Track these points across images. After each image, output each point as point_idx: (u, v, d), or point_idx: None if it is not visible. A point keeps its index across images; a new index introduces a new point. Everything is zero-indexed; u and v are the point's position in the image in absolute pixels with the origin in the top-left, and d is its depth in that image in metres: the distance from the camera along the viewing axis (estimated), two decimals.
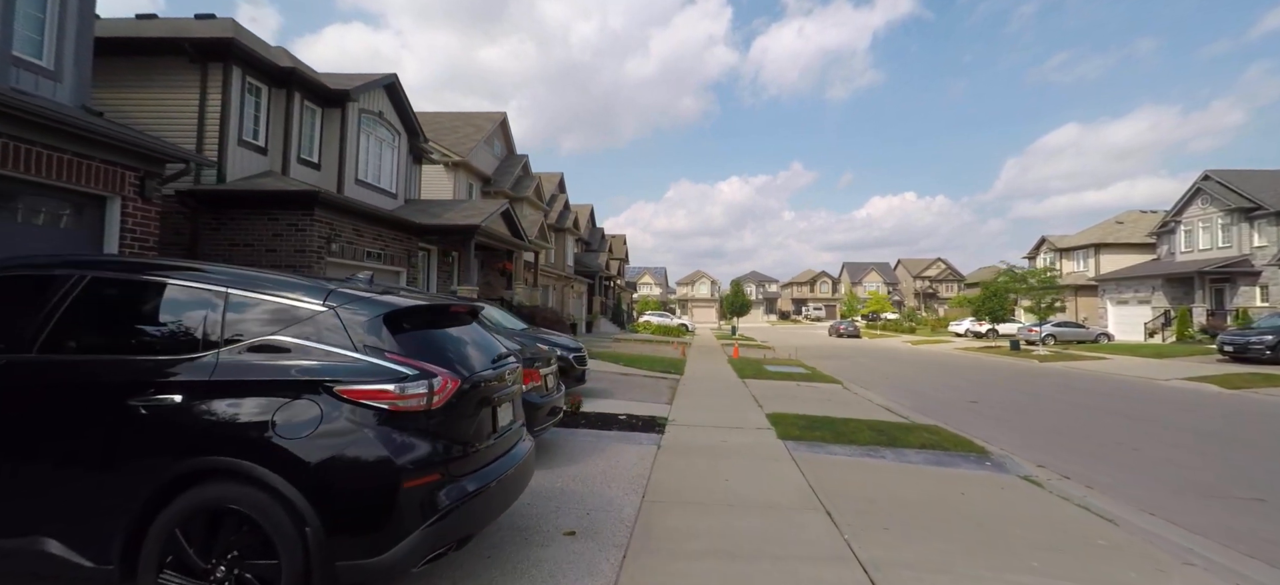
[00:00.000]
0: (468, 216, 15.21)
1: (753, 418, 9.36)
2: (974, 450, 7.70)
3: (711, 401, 11.04)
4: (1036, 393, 15.15)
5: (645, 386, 12.63)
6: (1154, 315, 32.58)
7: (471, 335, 3.81)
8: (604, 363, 16.56)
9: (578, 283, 37.02)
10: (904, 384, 16.68)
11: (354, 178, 14.00)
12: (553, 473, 5.79)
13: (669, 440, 7.54)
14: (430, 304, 3.54)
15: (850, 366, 21.88)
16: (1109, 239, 41.04)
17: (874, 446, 7.60)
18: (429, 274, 16.47)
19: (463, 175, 22.60)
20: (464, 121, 25.52)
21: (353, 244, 12.36)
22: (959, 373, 20.55)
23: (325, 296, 3.05)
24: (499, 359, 3.79)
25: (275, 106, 12.40)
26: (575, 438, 7.38)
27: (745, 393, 12.47)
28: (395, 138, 15.80)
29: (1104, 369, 21.42)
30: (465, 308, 3.89)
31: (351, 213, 12.29)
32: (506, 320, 10.72)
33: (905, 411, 11.23)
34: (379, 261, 13.44)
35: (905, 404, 12.55)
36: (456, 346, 3.46)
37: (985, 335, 41.35)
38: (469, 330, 3.83)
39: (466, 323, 3.96)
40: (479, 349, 3.70)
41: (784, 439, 7.80)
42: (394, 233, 14.01)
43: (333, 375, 2.80)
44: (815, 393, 13.12)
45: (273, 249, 11.05)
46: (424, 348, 3.15)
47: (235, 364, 2.86)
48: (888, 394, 14.17)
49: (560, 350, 9.61)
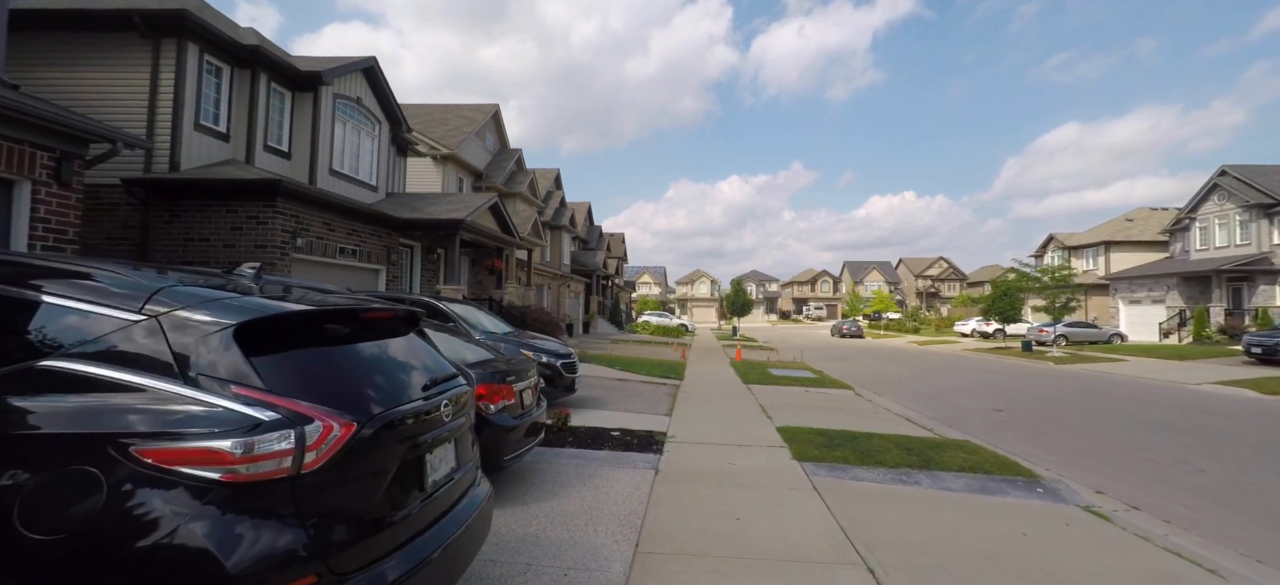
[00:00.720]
0: (452, 210, 14.17)
1: (762, 432, 8.33)
2: (1020, 473, 6.67)
3: (715, 412, 10.01)
4: (1062, 399, 14.13)
5: (642, 394, 11.60)
6: (1169, 315, 31.57)
7: (400, 352, 2.78)
8: (599, 367, 15.53)
9: (574, 282, 35.99)
10: (918, 389, 15.66)
11: (328, 168, 12.96)
12: (526, 511, 4.75)
13: (668, 463, 6.51)
14: (327, 308, 2.49)
15: (858, 369, 20.87)
16: (1119, 237, 40.03)
17: (905, 469, 6.58)
18: (411, 273, 15.43)
19: (452, 169, 21.55)
20: (454, 113, 24.47)
21: (323, 239, 11.32)
22: (973, 376, 19.53)
23: (146, 299, 2.01)
24: (437, 385, 2.76)
25: (238, 89, 11.36)
26: (559, 461, 6.35)
27: (751, 401, 11.44)
28: (375, 126, 14.76)
29: (1124, 372, 20.41)
30: (391, 313, 2.85)
31: (321, 205, 11.25)
32: (489, 323, 9.69)
33: (928, 423, 10.21)
34: (354, 258, 12.40)
35: (925, 413, 11.53)
36: (367, 371, 2.43)
37: (993, 335, 40.35)
38: (398, 346, 2.80)
39: (400, 333, 2.93)
40: (407, 372, 2.68)
41: (801, 461, 6.77)
42: (371, 228, 12.97)
43: (130, 427, 1.77)
44: (826, 400, 12.10)
45: (231, 244, 10.01)
46: (308, 376, 2.13)
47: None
48: (904, 401, 13.15)
49: (546, 357, 8.60)
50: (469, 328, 8.75)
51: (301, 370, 2.13)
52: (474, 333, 8.71)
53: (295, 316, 2.26)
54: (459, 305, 9.86)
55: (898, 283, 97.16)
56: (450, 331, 6.53)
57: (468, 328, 8.72)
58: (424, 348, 3.12)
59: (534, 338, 9.73)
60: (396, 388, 2.47)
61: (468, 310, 9.72)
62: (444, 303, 9.60)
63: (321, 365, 2.24)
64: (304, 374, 2.12)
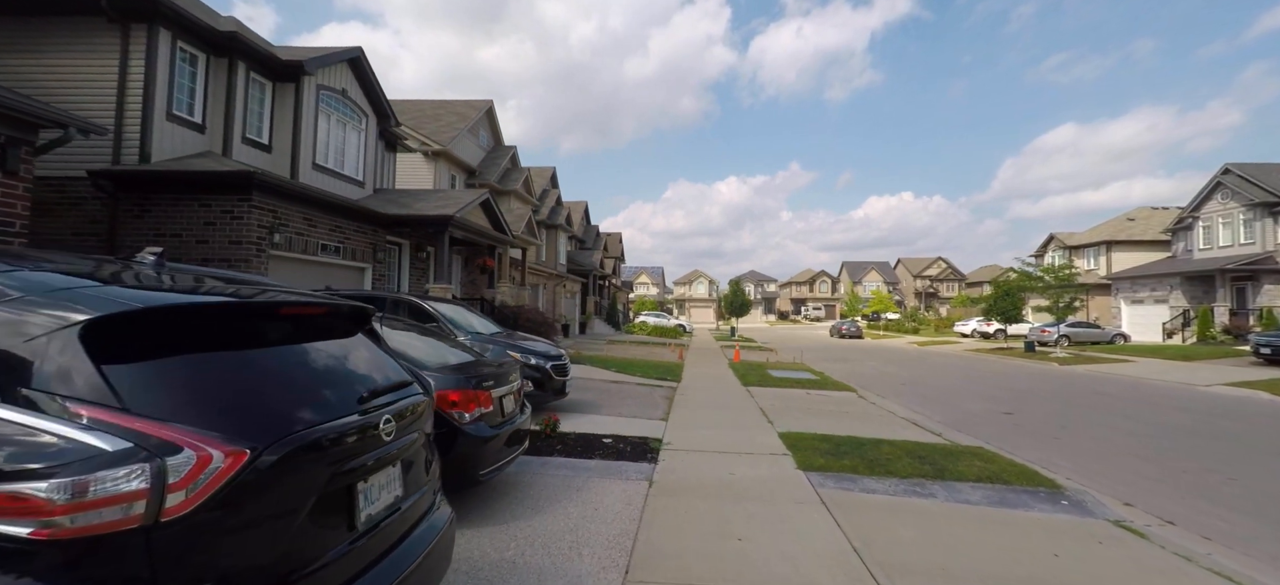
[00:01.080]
0: (440, 206, 13.67)
1: (764, 439, 7.86)
2: (1042, 484, 6.21)
3: (713, 416, 9.54)
4: (1071, 401, 13.69)
5: (637, 398, 11.12)
6: (1172, 315, 31.20)
7: (337, 357, 2.30)
8: (593, 369, 15.05)
9: (571, 282, 35.50)
10: (922, 391, 15.21)
11: (311, 162, 12.46)
12: (504, 532, 4.27)
13: (664, 473, 6.03)
14: (227, 303, 2.00)
15: (859, 371, 20.42)
16: (1121, 236, 39.67)
17: (918, 480, 6.11)
18: (400, 271, 14.93)
19: (444, 165, 21.05)
20: (446, 109, 23.97)
21: (303, 236, 10.82)
22: (977, 377, 19.09)
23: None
24: (379, 396, 2.28)
25: (215, 78, 10.85)
26: (546, 472, 5.86)
27: (751, 404, 10.97)
28: (361, 119, 14.26)
29: (1131, 373, 19.99)
30: (324, 308, 2.36)
31: (301, 199, 10.75)
32: (476, 323, 9.21)
33: (936, 427, 9.75)
34: (337, 256, 11.90)
35: (932, 416, 11.08)
36: (280, 382, 1.95)
37: (994, 336, 39.95)
38: (334, 350, 2.32)
39: (341, 333, 2.45)
40: (340, 382, 2.20)
41: (806, 470, 6.30)
42: (356, 224, 12.47)
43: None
44: (829, 403, 11.64)
45: (204, 240, 9.51)
46: (193, 391, 1.65)
47: None
48: (908, 403, 12.69)
49: (535, 359, 8.12)
50: (454, 328, 8.28)
51: (184, 383, 1.65)
52: (459, 334, 8.23)
53: (174, 312, 1.77)
54: (446, 305, 9.38)
55: (896, 283, 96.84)
56: (435, 332, 6.05)
57: (452, 328, 8.24)
58: (373, 351, 2.65)
59: (523, 339, 9.26)
60: (319, 402, 1.98)
61: (455, 310, 9.24)
62: (430, 302, 9.12)
63: (216, 376, 1.76)
64: (187, 388, 1.64)
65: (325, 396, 2.04)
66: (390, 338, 4.90)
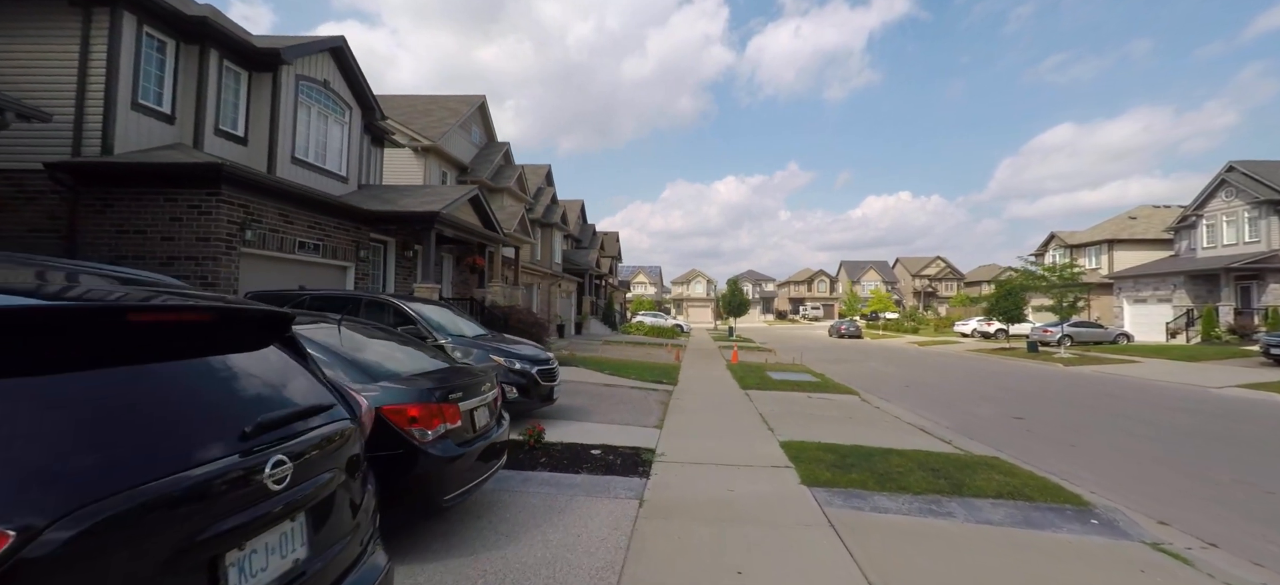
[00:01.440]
0: (425, 202, 13.12)
1: (764, 448, 7.34)
2: (1067, 500, 5.70)
3: (710, 422, 9.02)
4: (1082, 404, 13.21)
5: (631, 403, 10.60)
6: (1176, 314, 30.78)
7: (220, 378, 1.78)
8: (586, 371, 14.52)
9: (566, 281, 34.96)
10: (926, 393, 14.72)
11: (289, 155, 11.90)
12: (471, 565, 3.74)
13: (656, 491, 5.51)
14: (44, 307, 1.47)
15: (859, 372, 19.92)
16: (1122, 235, 39.26)
17: (935, 496, 5.60)
18: (385, 270, 14.39)
19: (434, 162, 20.49)
20: (437, 105, 23.42)
21: (278, 232, 10.27)
22: (981, 379, 18.61)
23: None
24: (271, 429, 1.75)
25: (186, 65, 10.29)
26: (526, 490, 5.34)
27: (750, 409, 10.46)
28: (344, 112, 13.70)
29: (1138, 374, 19.53)
30: (204, 314, 1.83)
31: (276, 194, 10.20)
32: (459, 325, 8.67)
33: (946, 434, 9.25)
34: (317, 254, 11.35)
35: (940, 421, 10.59)
36: (110, 421, 1.41)
37: (994, 335, 39.52)
38: (226, 368, 1.80)
39: (250, 347, 1.93)
40: (211, 413, 1.67)
41: (811, 485, 5.79)
42: (336, 221, 11.92)
43: None
44: (831, 407, 11.14)
45: (170, 237, 8.96)
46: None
47: None
48: (913, 407, 12.20)
49: (520, 363, 7.60)
50: (433, 330, 7.74)
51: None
52: (438, 337, 7.70)
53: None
54: (428, 306, 8.85)
55: (895, 282, 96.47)
56: (404, 336, 5.53)
57: (429, 330, 7.71)
58: (287, 367, 2.12)
59: (509, 342, 8.72)
60: (172, 445, 1.46)
61: (437, 311, 8.70)
62: (410, 303, 8.58)
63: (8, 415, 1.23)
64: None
65: (184, 436, 1.51)
66: (350, 343, 4.38)
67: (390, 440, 3.64)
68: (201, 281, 8.89)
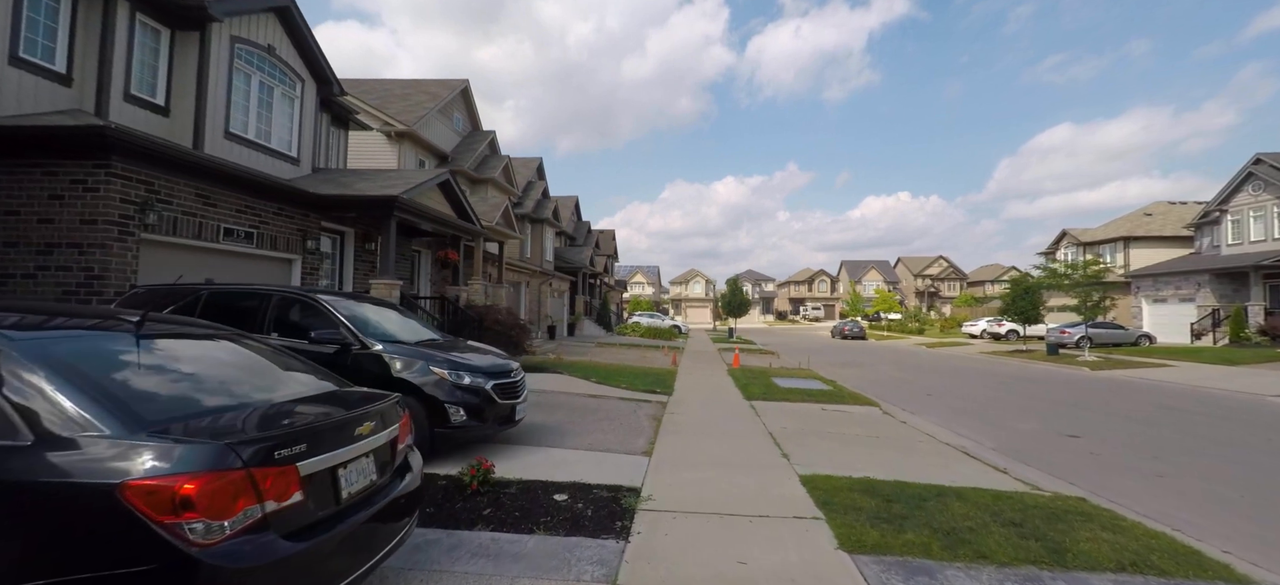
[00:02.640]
0: (384, 186, 11.46)
1: (782, 486, 5.70)
2: (1217, 574, 4.06)
3: (711, 447, 7.37)
4: (1136, 417, 11.58)
5: (617, 418, 8.96)
6: (1200, 315, 29.18)
7: None
8: (572, 378, 12.88)
9: (558, 280, 33.30)
10: (952, 402, 13.09)
11: (222, 129, 10.24)
12: None
13: (637, 565, 3.86)
14: None
15: (871, 377, 18.29)
16: (1138, 232, 37.67)
17: (1030, 570, 3.97)
18: (341, 265, 12.73)
19: (410, 148, 18.83)
20: (416, 89, 21.76)
21: (195, 217, 8.62)
22: (1006, 385, 16.98)
23: None
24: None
25: (87, 17, 8.63)
26: (450, 568, 3.70)
27: (758, 427, 8.82)
28: (294, 84, 12.04)
29: (1178, 380, 17.91)
30: None
31: (192, 170, 8.55)
32: (403, 328, 7.01)
33: (997, 459, 7.63)
34: (250, 243, 9.70)
35: (982, 440, 8.97)
36: None
37: (1005, 336, 37.95)
38: None
39: None
40: None
41: (853, 551, 4.15)
42: (276, 206, 10.27)
43: None
44: (851, 422, 9.51)
45: (48, 219, 7.31)
46: None
47: None
48: (944, 420, 10.58)
49: (471, 377, 5.96)
50: (361, 335, 6.09)
51: None
52: (376, 344, 6.06)
53: None
54: (368, 306, 7.18)
55: (896, 282, 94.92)
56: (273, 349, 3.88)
57: (358, 336, 6.05)
58: None
59: (465, 350, 7.05)
60: None
61: (377, 312, 7.05)
62: (343, 302, 6.90)
63: None
64: None
65: None
66: (134, 360, 2.73)
67: (134, 549, 2.01)
68: (87, 274, 7.23)
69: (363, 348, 5.98)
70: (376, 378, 5.89)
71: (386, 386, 5.96)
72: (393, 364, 5.94)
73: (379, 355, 5.98)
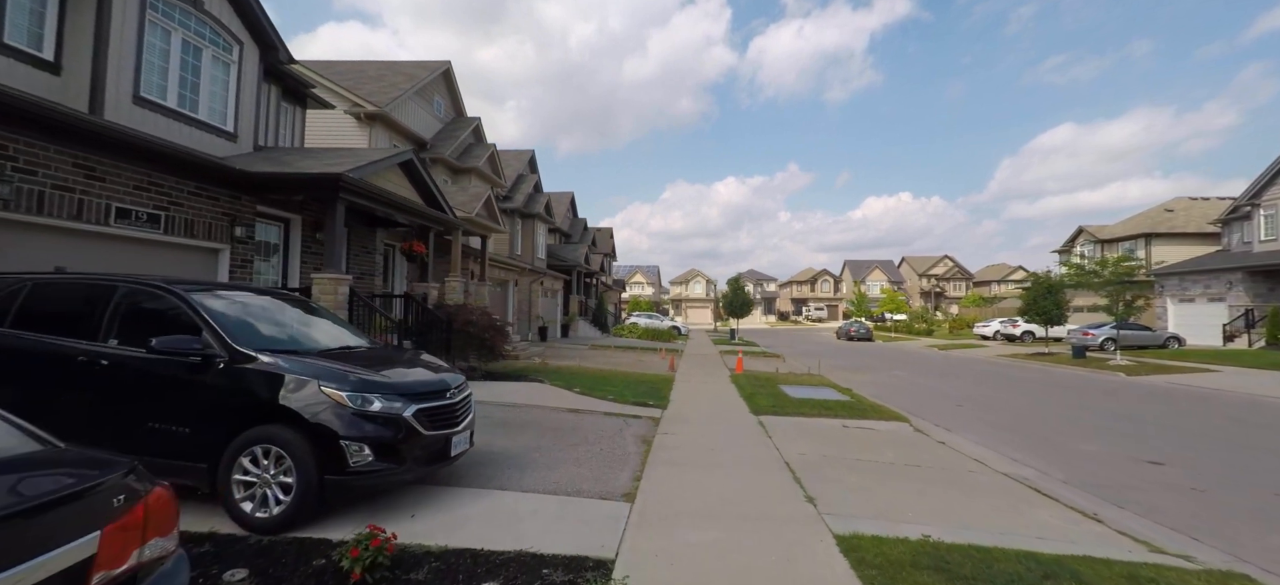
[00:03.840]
0: (328, 163, 9.79)
1: (812, 556, 4.03)
2: None
3: (715, 486, 5.70)
4: (1213, 434, 9.90)
5: (597, 443, 7.29)
6: (1232, 315, 27.44)
7: None
8: (553, 390, 11.22)
9: (551, 279, 31.62)
10: (989, 415, 11.41)
11: (130, 93, 8.57)
12: None
13: None
14: None
15: (888, 383, 16.61)
16: (1160, 228, 35.92)
17: None
18: (287, 256, 11.06)
19: (382, 131, 17.17)
20: (392, 70, 20.10)
21: (72, 191, 6.95)
22: (1041, 392, 15.30)
23: None
24: None
25: None
26: None
27: (771, 454, 7.15)
28: (230, 47, 10.37)
29: (1227, 387, 16.22)
30: None
31: (69, 133, 6.89)
32: (307, 330, 5.35)
33: (1080, 497, 5.97)
34: (154, 227, 8.03)
35: (1047, 467, 7.29)
36: None
37: (1021, 337, 36.23)
38: None
39: None
40: None
41: None
42: (195, 185, 8.62)
43: None
44: (882, 444, 7.85)
45: None
46: None
47: None
48: (988, 439, 8.90)
49: (382, 402, 4.32)
50: (232, 342, 4.41)
51: None
52: (250, 353, 4.40)
53: None
54: (262, 301, 5.50)
55: (901, 282, 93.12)
56: None
57: (228, 342, 4.38)
58: None
59: (387, 363, 5.33)
60: None
61: (273, 309, 5.39)
62: (214, 297, 5.24)
63: None
64: None
65: None
66: None
67: None
68: None
69: (235, 359, 4.32)
70: (253, 401, 4.25)
71: (266, 414, 4.31)
72: (277, 382, 4.28)
73: (259, 370, 4.31)
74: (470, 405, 5.34)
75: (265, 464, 4.15)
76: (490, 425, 7.79)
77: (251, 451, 4.16)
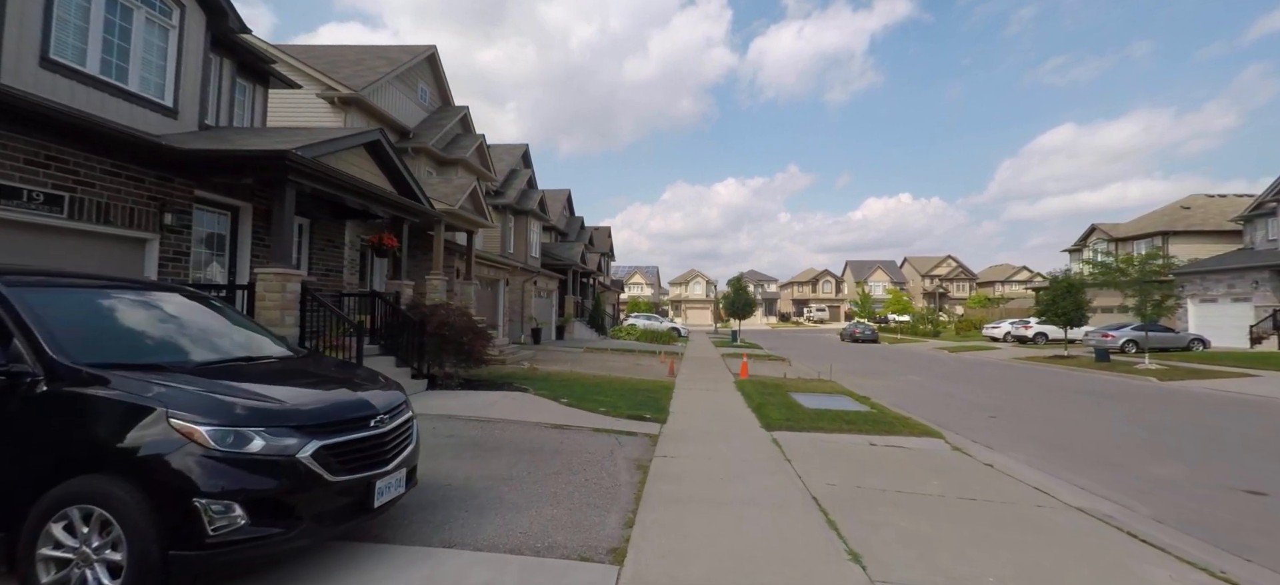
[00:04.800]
0: (276, 140, 8.52)
1: None
2: None
3: (728, 538, 4.42)
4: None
5: (583, 469, 6.01)
6: (1259, 316, 26.20)
7: None
8: (538, 400, 9.94)
9: (545, 278, 30.34)
10: (1027, 427, 10.14)
11: (37, 54, 7.29)
12: None
13: None
14: None
15: (905, 389, 15.35)
16: (1177, 226, 34.70)
17: None
18: (235, 250, 9.77)
19: (358, 117, 15.89)
20: (374, 54, 18.84)
21: None
22: (1072, 401, 14.04)
23: None
24: None
25: None
26: None
27: (793, 484, 5.88)
28: (170, 10, 9.09)
29: (1272, 393, 14.96)
30: None
31: None
32: (188, 333, 4.09)
33: (1194, 547, 4.70)
34: (56, 211, 6.75)
35: (1125, 498, 6.02)
36: None
37: (1033, 339, 34.96)
38: None
39: None
40: None
41: None
42: (113, 163, 7.34)
43: None
44: (921, 470, 6.58)
45: None
46: None
47: None
48: (1038, 459, 7.62)
49: (263, 438, 3.01)
50: (41, 352, 3.14)
51: None
52: (82, 367, 3.09)
53: None
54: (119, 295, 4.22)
55: (904, 283, 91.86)
56: None
57: (33, 350, 3.10)
58: None
59: (292, 381, 4.07)
60: None
61: (136, 303, 4.13)
62: (31, 291, 3.97)
63: None
64: None
65: None
66: None
67: None
68: None
69: (57, 378, 3.04)
70: (80, 439, 2.97)
71: (94, 459, 3.03)
72: (114, 411, 3.00)
73: (91, 396, 3.03)
74: (411, 433, 4.05)
75: (85, 533, 2.87)
76: (456, 447, 6.52)
77: (66, 516, 2.88)
